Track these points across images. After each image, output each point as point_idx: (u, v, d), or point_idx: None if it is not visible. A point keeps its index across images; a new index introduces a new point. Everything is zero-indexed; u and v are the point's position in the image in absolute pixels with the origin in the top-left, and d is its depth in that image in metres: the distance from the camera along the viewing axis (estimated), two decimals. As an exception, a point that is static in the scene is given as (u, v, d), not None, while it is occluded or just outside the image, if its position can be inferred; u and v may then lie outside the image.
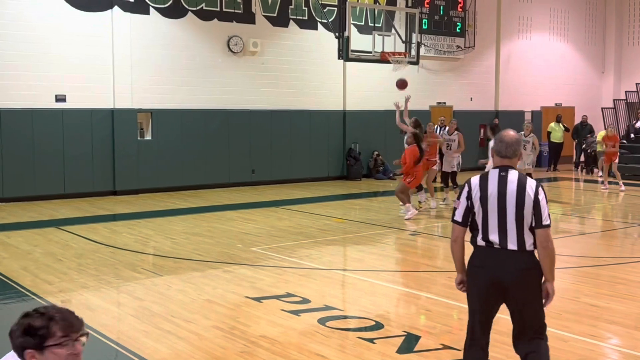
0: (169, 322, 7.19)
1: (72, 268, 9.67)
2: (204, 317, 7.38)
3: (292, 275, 9.25)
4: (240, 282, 8.93)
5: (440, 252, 11.31)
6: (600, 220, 14.91)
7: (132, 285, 8.82)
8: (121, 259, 10.25)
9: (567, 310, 7.70)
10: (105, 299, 8.27)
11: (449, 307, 7.84)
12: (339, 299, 8.44)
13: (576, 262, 10.55)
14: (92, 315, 7.45)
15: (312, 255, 10.59)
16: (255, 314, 7.54)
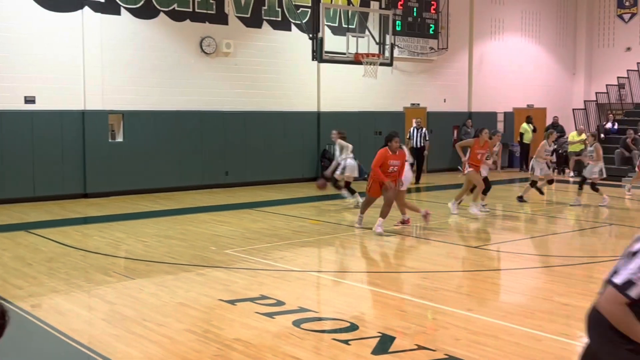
0: (141, 326, 7.10)
1: (42, 272, 9.53)
2: (176, 321, 7.30)
3: (266, 278, 9.19)
4: (213, 284, 8.84)
5: (413, 253, 11.30)
6: (572, 220, 15.00)
7: (104, 289, 8.70)
8: (92, 263, 10.12)
9: (541, 310, 7.72)
10: (76, 303, 8.15)
11: (423, 308, 7.82)
12: (313, 300, 8.39)
13: (549, 262, 10.60)
14: (63, 320, 7.33)
15: (287, 257, 10.53)
16: (229, 316, 7.47)
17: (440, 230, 13.15)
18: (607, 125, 26.03)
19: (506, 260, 10.95)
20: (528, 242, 12.33)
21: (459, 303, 8.02)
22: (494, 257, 11.19)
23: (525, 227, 14.02)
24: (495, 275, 9.83)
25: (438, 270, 9.79)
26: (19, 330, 6.90)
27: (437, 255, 11.06)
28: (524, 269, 10.21)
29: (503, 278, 9.74)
